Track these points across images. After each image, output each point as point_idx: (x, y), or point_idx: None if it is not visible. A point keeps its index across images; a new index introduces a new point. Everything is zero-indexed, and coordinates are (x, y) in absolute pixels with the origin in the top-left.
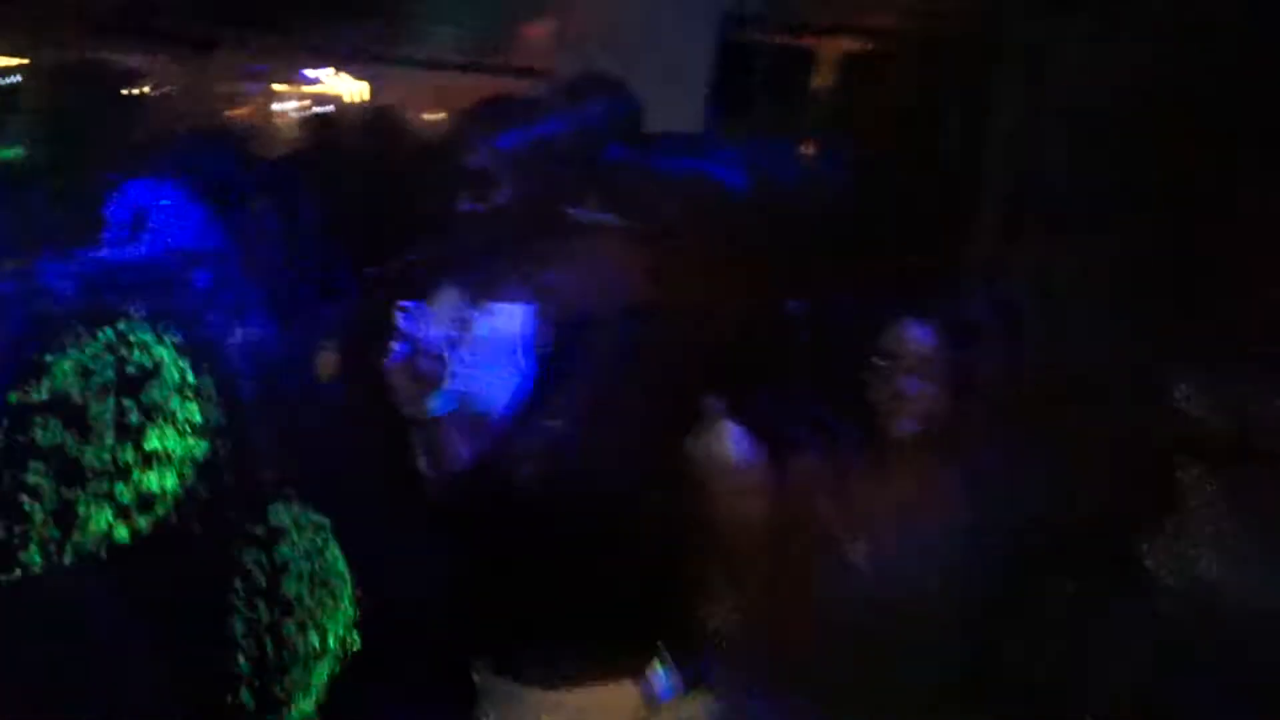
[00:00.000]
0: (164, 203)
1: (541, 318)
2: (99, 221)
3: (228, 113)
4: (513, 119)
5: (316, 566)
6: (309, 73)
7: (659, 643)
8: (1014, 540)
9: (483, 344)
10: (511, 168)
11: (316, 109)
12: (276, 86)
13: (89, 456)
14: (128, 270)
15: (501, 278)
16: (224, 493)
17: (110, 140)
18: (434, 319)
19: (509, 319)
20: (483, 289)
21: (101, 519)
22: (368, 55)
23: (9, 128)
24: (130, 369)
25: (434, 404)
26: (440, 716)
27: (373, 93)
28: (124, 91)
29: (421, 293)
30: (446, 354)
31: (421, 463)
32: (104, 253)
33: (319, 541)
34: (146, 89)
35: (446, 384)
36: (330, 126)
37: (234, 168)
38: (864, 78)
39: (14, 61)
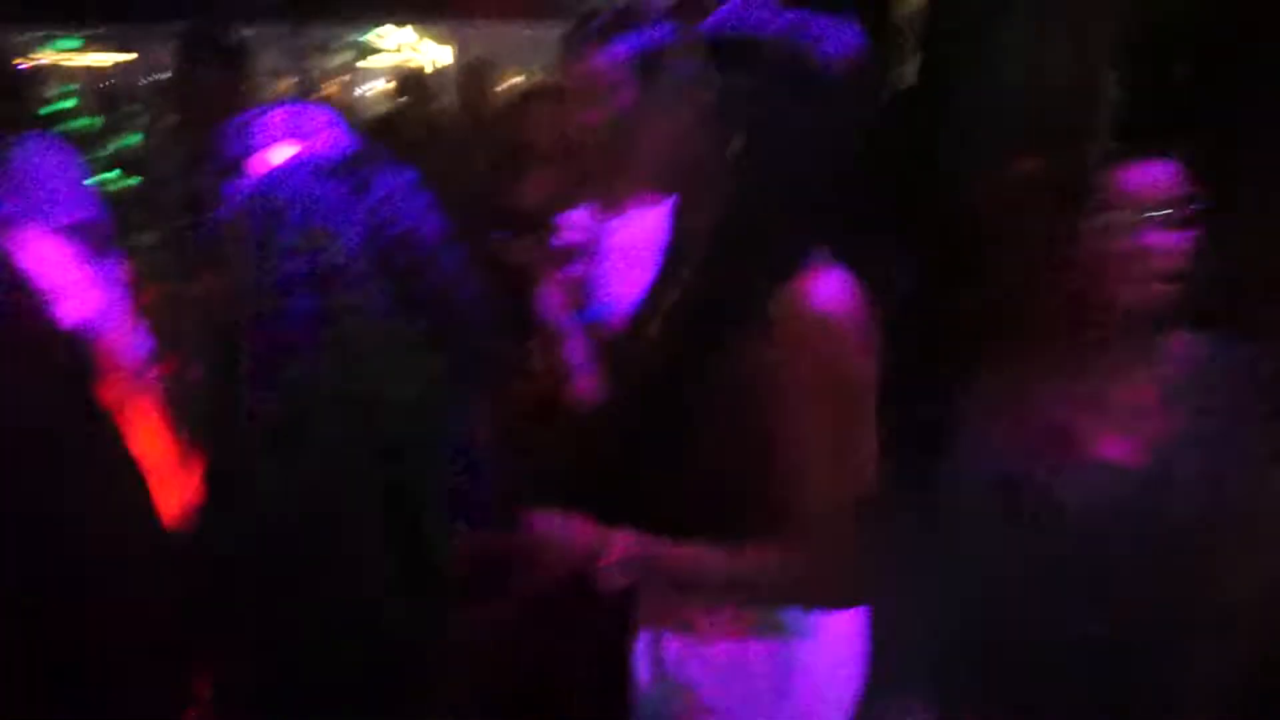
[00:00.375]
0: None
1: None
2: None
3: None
4: (627, 25)
5: None
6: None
7: None
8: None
9: (618, 251)
10: (630, 73)
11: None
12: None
13: None
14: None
15: (629, 184)
16: None
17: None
18: (570, 229)
19: (641, 225)
20: (613, 197)
21: None
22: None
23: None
24: None
25: (578, 312)
26: None
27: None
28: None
29: (555, 206)
30: (588, 263)
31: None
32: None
33: None
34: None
35: (589, 293)
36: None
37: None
38: None
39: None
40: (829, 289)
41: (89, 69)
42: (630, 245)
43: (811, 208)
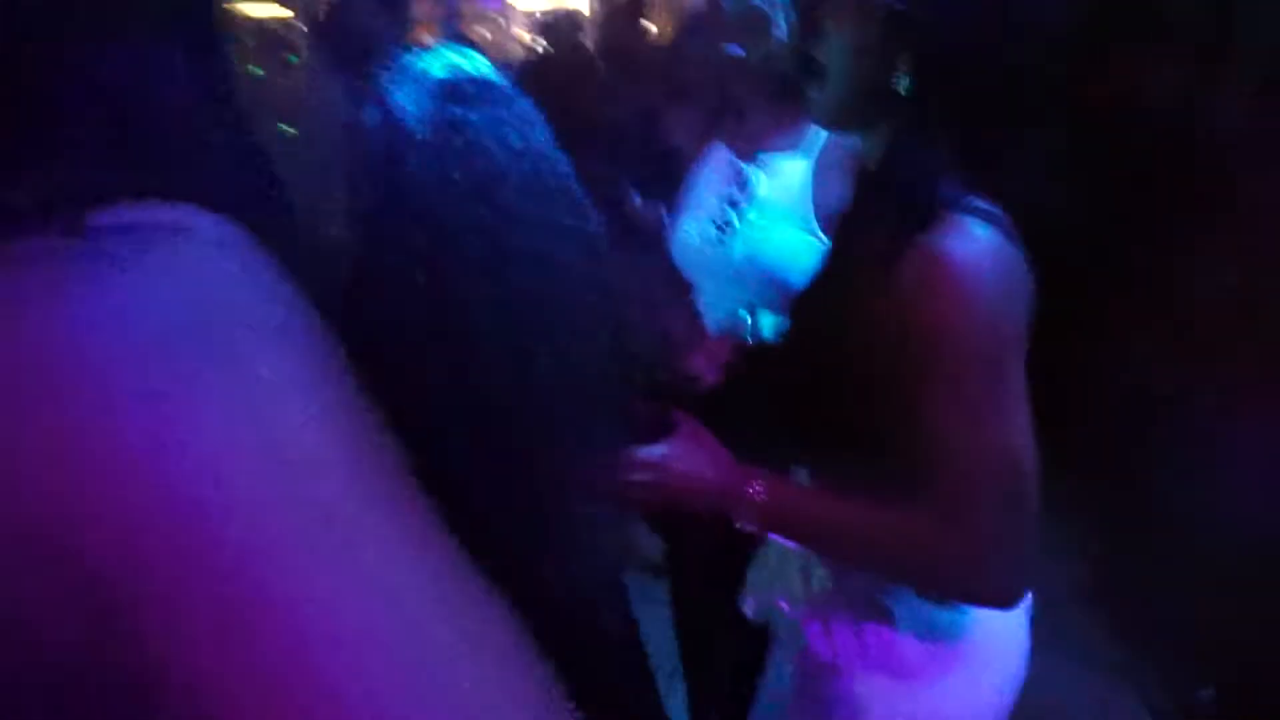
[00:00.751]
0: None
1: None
2: None
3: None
4: None
5: None
6: None
7: None
8: None
9: (768, 203)
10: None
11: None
12: None
13: None
14: None
15: (779, 132)
16: None
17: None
18: (710, 180)
19: (791, 175)
20: (758, 144)
21: None
22: None
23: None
24: None
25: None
26: None
27: None
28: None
29: (692, 157)
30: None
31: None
32: None
33: None
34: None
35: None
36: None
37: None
38: None
39: None
40: (974, 238)
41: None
42: (777, 194)
43: (977, 147)
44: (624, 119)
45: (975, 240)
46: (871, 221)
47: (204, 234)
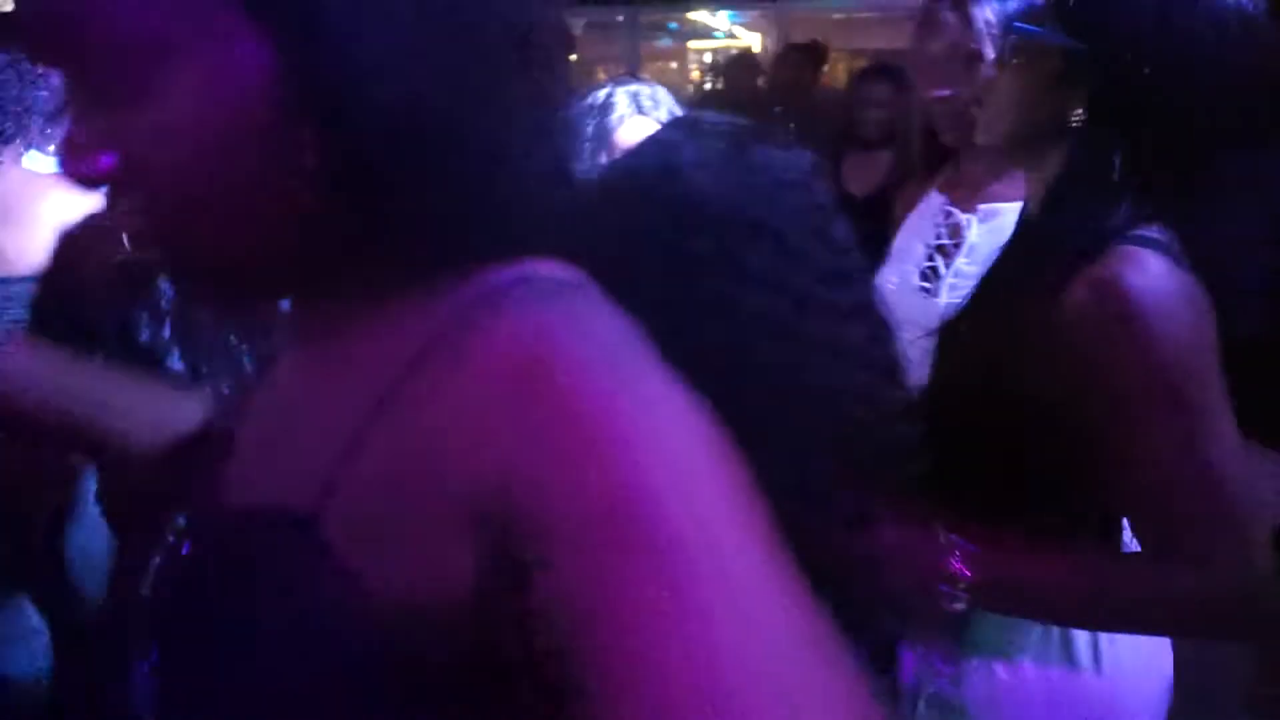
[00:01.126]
0: None
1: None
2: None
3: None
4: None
5: None
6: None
7: None
8: None
9: (979, 250)
10: (990, 42)
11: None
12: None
13: None
14: None
15: (997, 178)
16: None
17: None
18: (919, 228)
19: (1003, 222)
20: (978, 193)
21: None
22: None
23: None
24: None
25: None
26: None
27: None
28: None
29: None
30: (939, 262)
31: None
32: None
33: None
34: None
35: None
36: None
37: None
38: None
39: None
40: (1145, 264)
41: None
42: (989, 241)
43: (1151, 176)
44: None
45: (1147, 266)
46: (1036, 254)
47: (583, 279)
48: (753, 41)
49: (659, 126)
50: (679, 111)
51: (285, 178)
